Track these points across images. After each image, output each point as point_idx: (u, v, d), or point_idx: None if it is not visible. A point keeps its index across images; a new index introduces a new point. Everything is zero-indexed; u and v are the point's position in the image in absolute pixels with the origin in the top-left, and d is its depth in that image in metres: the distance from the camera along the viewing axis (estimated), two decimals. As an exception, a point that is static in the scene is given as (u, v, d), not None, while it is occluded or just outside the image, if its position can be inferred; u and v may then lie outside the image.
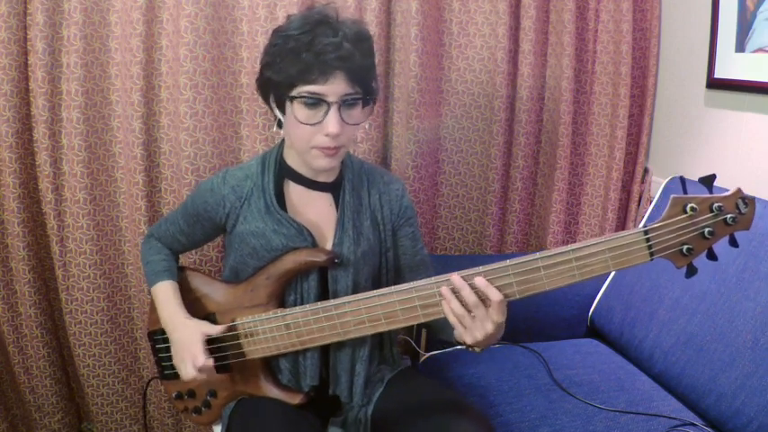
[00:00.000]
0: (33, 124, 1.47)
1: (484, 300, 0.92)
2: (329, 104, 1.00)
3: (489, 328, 0.92)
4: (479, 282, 0.92)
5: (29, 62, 1.43)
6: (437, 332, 1.17)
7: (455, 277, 0.93)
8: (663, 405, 1.27)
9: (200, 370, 1.05)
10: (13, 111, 1.43)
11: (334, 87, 0.99)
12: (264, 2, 1.50)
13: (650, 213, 1.61)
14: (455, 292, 0.93)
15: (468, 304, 0.92)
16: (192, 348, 1.06)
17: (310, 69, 0.98)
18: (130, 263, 1.61)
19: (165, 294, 1.17)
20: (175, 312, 1.14)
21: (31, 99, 1.45)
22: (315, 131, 1.01)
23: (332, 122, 0.99)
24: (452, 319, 0.95)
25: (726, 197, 0.87)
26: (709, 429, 1.20)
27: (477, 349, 1.01)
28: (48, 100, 1.45)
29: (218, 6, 1.50)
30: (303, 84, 0.99)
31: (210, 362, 1.05)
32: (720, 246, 0.90)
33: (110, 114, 1.53)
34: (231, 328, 1.12)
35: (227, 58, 1.54)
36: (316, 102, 1.00)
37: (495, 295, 0.91)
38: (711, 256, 0.90)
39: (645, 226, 0.88)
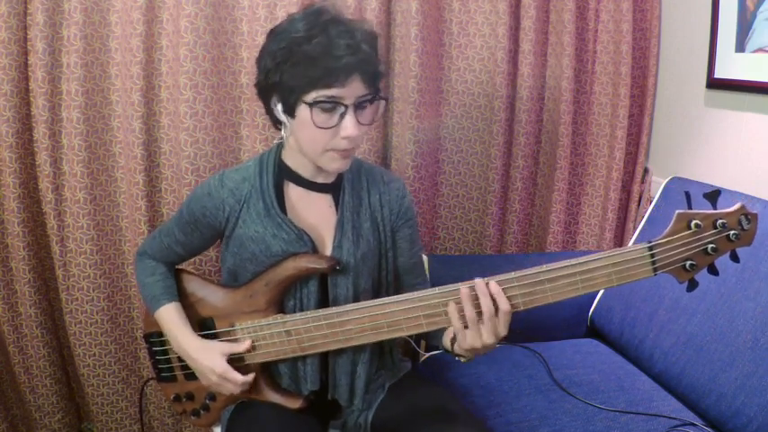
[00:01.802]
0: (33, 124, 1.47)
1: (496, 309, 0.92)
2: (346, 107, 0.98)
3: (492, 339, 0.92)
4: (493, 287, 0.91)
5: (29, 62, 1.43)
6: (427, 336, 1.16)
7: (480, 282, 0.92)
8: (663, 405, 1.27)
9: (243, 385, 1.08)
10: (13, 111, 1.43)
11: (352, 90, 0.97)
12: (264, 2, 1.50)
13: (650, 214, 1.61)
14: (472, 296, 0.92)
15: (484, 312, 0.92)
16: (222, 372, 1.07)
17: (330, 73, 0.95)
18: (130, 263, 1.61)
19: (170, 320, 1.13)
20: (184, 337, 1.11)
21: (31, 99, 1.45)
22: (332, 135, 0.99)
23: (350, 125, 0.98)
24: (458, 324, 0.94)
25: (729, 213, 0.88)
26: (709, 429, 1.20)
27: (463, 359, 1.00)
28: (48, 100, 1.45)
29: (218, 6, 1.50)
30: (322, 88, 0.96)
31: (249, 377, 1.08)
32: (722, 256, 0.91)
33: (110, 114, 1.53)
34: (231, 333, 1.11)
35: (227, 58, 1.54)
36: (333, 105, 0.98)
37: (504, 304, 0.91)
38: (713, 270, 0.91)
39: (649, 241, 0.88)
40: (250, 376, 1.08)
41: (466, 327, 0.94)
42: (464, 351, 0.97)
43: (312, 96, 0.97)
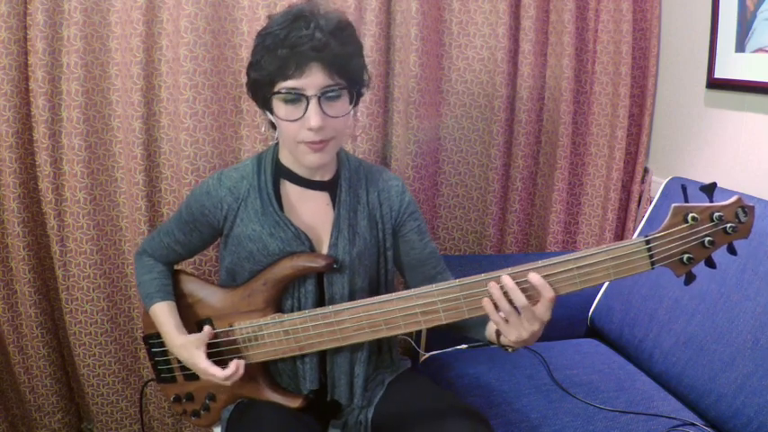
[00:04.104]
0: (33, 124, 1.47)
1: (531, 297, 0.90)
2: (308, 98, 0.98)
3: (536, 326, 0.91)
4: (534, 278, 0.89)
5: (29, 62, 1.44)
6: (464, 330, 1.13)
7: (507, 279, 0.91)
8: (663, 405, 1.27)
9: (228, 379, 1.04)
10: (13, 111, 1.43)
11: (312, 80, 0.97)
12: (264, 2, 1.50)
13: (650, 214, 1.61)
14: (504, 291, 0.91)
15: (518, 305, 0.90)
16: (201, 367, 1.06)
17: (286, 64, 0.96)
18: (130, 263, 1.61)
19: (160, 318, 1.14)
20: (170, 335, 1.12)
21: (31, 99, 1.45)
22: (299, 127, 1.00)
23: (312, 116, 0.98)
24: (496, 318, 0.93)
25: (726, 206, 0.87)
26: (709, 429, 1.20)
27: (510, 349, 1.00)
28: (48, 100, 1.45)
29: (218, 6, 1.50)
30: (281, 80, 0.98)
31: (229, 371, 1.03)
32: (719, 249, 0.90)
33: (110, 114, 1.53)
34: (228, 333, 1.11)
35: (227, 58, 1.54)
36: (295, 97, 0.98)
37: (548, 292, 0.89)
38: (710, 263, 0.91)
39: (646, 235, 0.88)
40: (230, 369, 1.03)
41: (506, 321, 0.93)
42: (511, 342, 0.96)
43: (275, 88, 0.99)
